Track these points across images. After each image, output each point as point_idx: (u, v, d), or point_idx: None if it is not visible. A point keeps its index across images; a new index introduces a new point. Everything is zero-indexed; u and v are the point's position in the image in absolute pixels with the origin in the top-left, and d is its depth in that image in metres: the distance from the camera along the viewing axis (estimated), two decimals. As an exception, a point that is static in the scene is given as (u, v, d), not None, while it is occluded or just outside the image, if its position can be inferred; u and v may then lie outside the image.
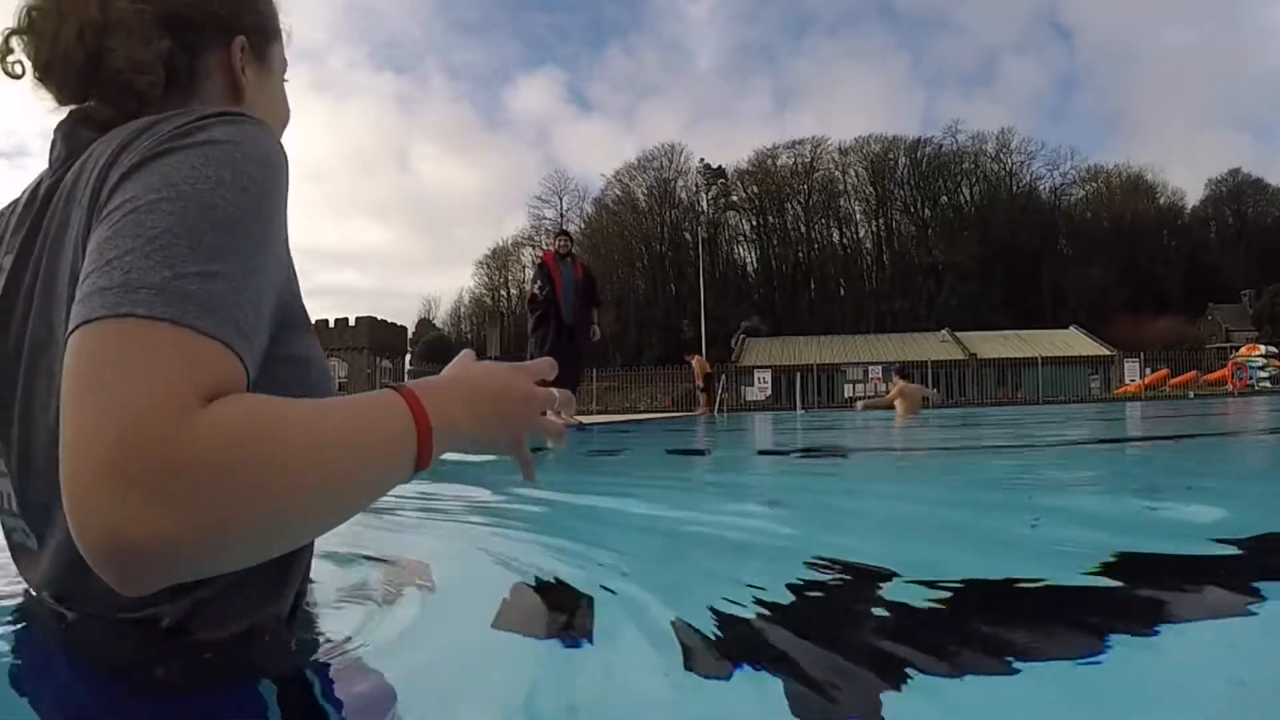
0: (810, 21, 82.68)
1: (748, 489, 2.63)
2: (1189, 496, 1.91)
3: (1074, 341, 32.82)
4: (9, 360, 0.58)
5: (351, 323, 43.30)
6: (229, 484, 0.39)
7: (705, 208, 59.13)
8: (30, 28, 0.63)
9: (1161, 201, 56.98)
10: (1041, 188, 57.63)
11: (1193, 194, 58.31)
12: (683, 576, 1.12)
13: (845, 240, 59.23)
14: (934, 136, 59.20)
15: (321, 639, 0.70)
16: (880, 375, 27.07)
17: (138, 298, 0.42)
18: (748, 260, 60.20)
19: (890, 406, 8.90)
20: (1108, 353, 29.84)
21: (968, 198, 57.80)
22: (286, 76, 0.81)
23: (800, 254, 58.44)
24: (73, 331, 0.43)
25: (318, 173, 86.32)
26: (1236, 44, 77.16)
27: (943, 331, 36.53)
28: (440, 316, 63.11)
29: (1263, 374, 22.96)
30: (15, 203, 0.66)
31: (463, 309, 62.37)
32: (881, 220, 58.51)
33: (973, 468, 3.15)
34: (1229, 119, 78.52)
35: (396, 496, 1.62)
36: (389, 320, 45.72)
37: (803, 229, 59.04)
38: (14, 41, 0.64)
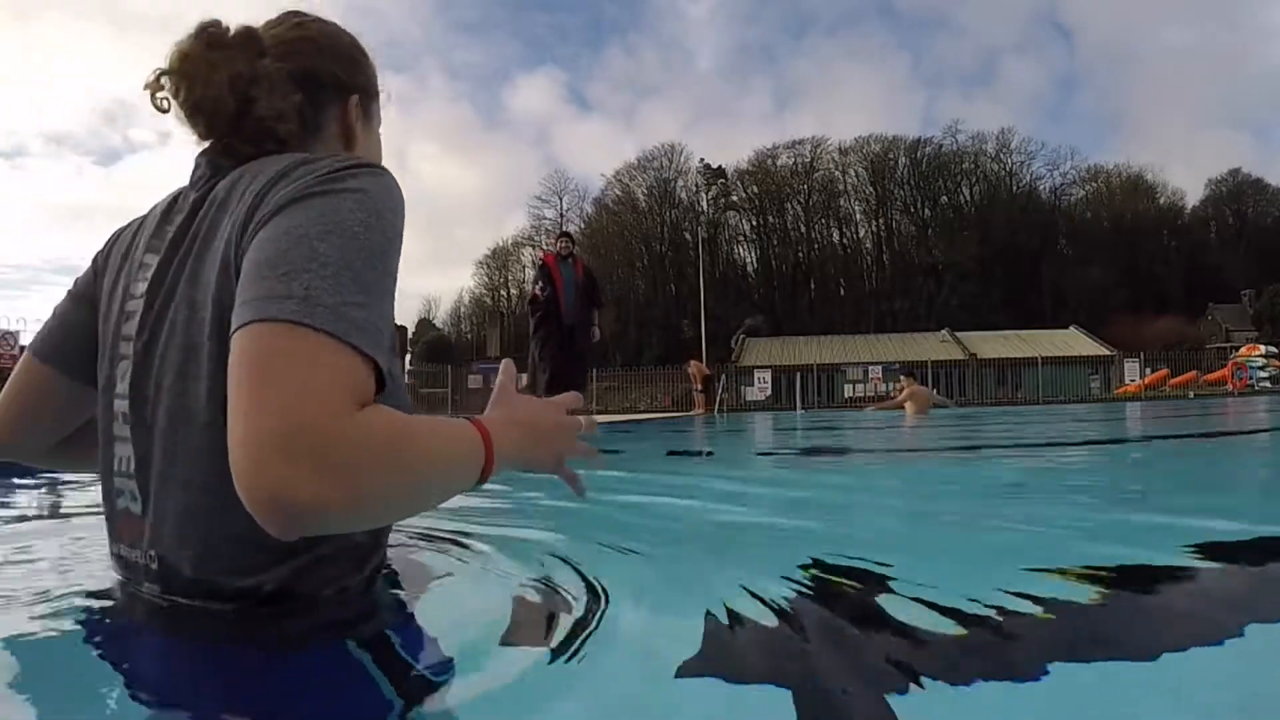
0: (810, 21, 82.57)
1: (749, 489, 2.62)
2: (1195, 503, 1.91)
3: (1074, 341, 32.79)
4: (153, 338, 0.69)
5: (351, 323, 43.24)
6: (370, 472, 0.51)
7: (705, 208, 59.13)
8: (181, 70, 0.73)
9: (1161, 201, 56.95)
10: (1041, 188, 57.64)
11: (1193, 194, 58.31)
12: (684, 578, 1.12)
13: (845, 240, 59.22)
14: (934, 136, 59.24)
15: (395, 602, 0.82)
16: (880, 375, 27.08)
17: (316, 313, 0.53)
18: (748, 260, 60.23)
19: (900, 407, 8.94)
20: (1108, 353, 29.81)
21: (968, 198, 57.76)
22: (381, 130, 0.94)
23: (800, 254, 58.40)
24: (252, 323, 0.53)
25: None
26: (1237, 44, 77.14)
27: (943, 331, 36.50)
28: (440, 316, 63.00)
29: (1263, 374, 22.95)
30: (146, 217, 0.79)
31: (463, 309, 62.30)
32: (881, 220, 58.50)
33: (982, 468, 3.14)
34: (1229, 119, 78.49)
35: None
36: (389, 320, 45.65)
37: (803, 229, 59.01)
38: (164, 80, 0.74)
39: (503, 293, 58.84)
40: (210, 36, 0.74)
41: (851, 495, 2.28)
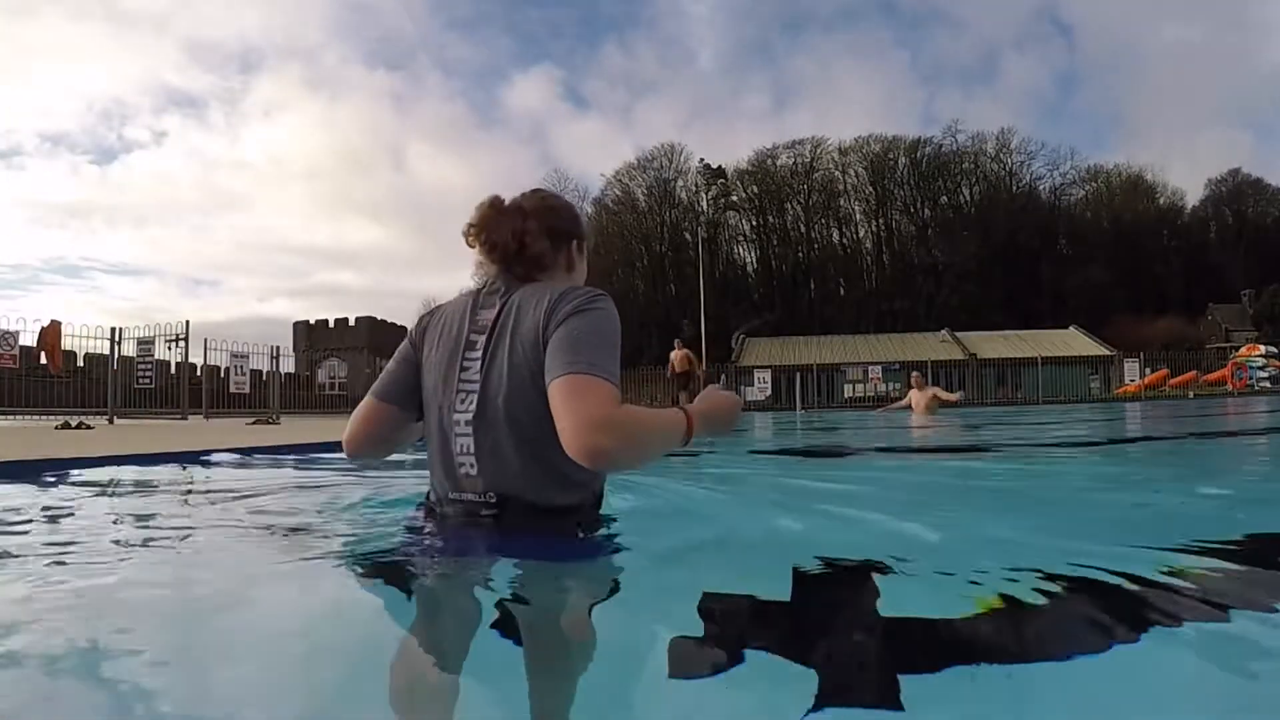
0: (808, 18, 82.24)
1: (747, 487, 2.61)
2: (1196, 500, 1.90)
3: (1074, 341, 32.82)
4: (488, 380, 1.22)
5: (351, 323, 43.27)
6: (635, 435, 1.09)
7: (705, 208, 59.19)
8: (482, 224, 1.33)
9: (1161, 201, 57.04)
10: (1041, 188, 57.75)
11: (1193, 194, 58.38)
12: (687, 570, 1.11)
13: (845, 240, 59.29)
14: (934, 136, 59.28)
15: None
16: (880, 375, 27.10)
17: (601, 368, 1.11)
18: (748, 260, 60.30)
19: (936, 399, 9.27)
20: (1108, 353, 29.84)
21: (968, 198, 57.83)
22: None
23: (800, 254, 58.45)
24: (570, 374, 1.09)
25: (312, 171, 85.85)
26: (1238, 41, 77.03)
27: (943, 331, 36.54)
28: (440, 316, 62.89)
29: (1263, 374, 22.99)
30: (447, 309, 1.35)
31: (462, 309, 62.25)
32: (881, 220, 58.56)
33: (984, 466, 3.13)
34: (1230, 117, 78.32)
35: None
36: (389, 320, 45.72)
37: (803, 229, 59.06)
38: (471, 229, 1.34)
39: (502, 293, 58.76)
40: (497, 205, 1.34)
41: (855, 495, 2.26)
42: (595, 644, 0.83)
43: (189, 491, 2.41)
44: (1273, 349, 24.48)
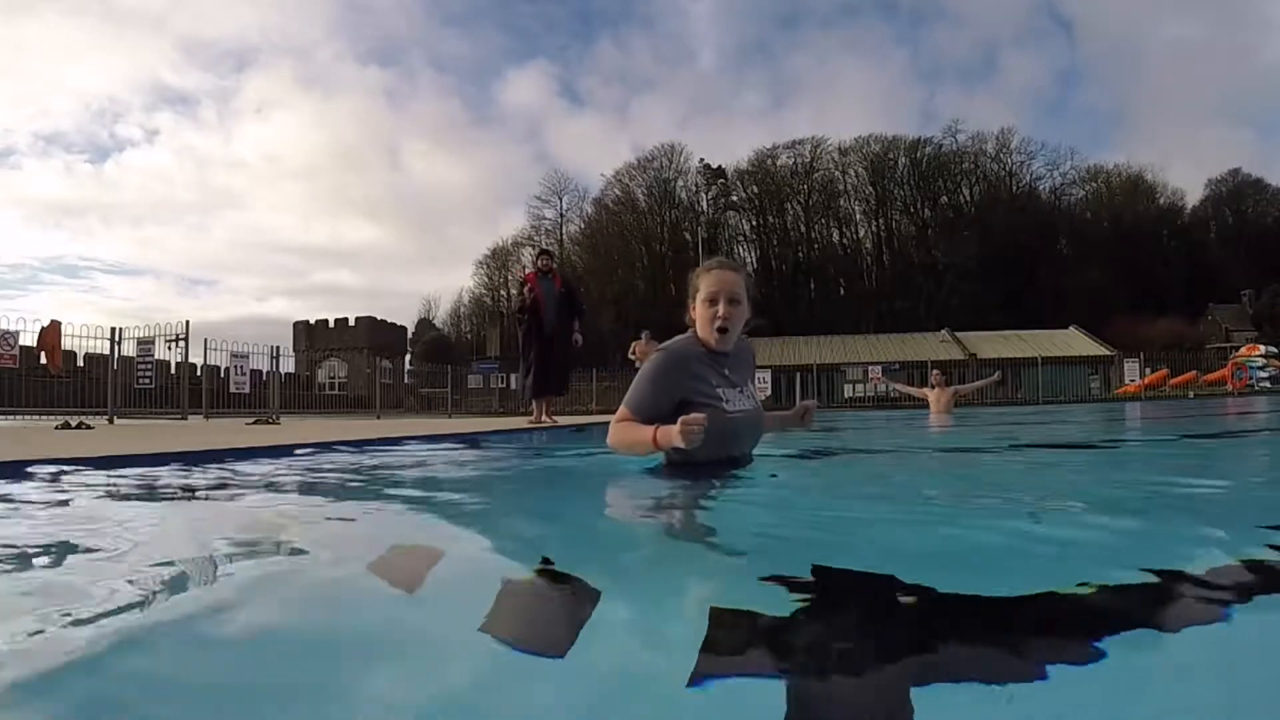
0: (807, 15, 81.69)
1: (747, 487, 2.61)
2: (1196, 502, 1.89)
3: (1074, 341, 32.83)
4: None
5: (351, 323, 43.28)
6: (617, 442, 2.12)
7: (705, 208, 59.22)
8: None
9: (1161, 201, 57.03)
10: (1041, 188, 57.73)
11: (1193, 194, 58.32)
12: (683, 576, 1.11)
13: (845, 240, 59.31)
14: (934, 136, 59.26)
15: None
16: (880, 375, 27.13)
17: (628, 399, 2.14)
18: (748, 260, 60.19)
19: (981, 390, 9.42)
20: (1108, 353, 29.85)
21: (968, 198, 57.82)
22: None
23: (800, 254, 58.46)
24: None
25: (307, 170, 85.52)
26: (1240, 38, 76.88)
27: (943, 331, 36.55)
28: (440, 316, 63.04)
29: (1263, 374, 23.01)
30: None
31: (462, 309, 62.40)
32: (881, 220, 58.57)
33: (984, 466, 3.13)
34: (1231, 115, 78.03)
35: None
36: (388, 320, 45.73)
37: (803, 229, 59.09)
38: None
39: (502, 293, 58.77)
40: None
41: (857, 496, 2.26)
42: None
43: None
44: (1273, 349, 24.49)
